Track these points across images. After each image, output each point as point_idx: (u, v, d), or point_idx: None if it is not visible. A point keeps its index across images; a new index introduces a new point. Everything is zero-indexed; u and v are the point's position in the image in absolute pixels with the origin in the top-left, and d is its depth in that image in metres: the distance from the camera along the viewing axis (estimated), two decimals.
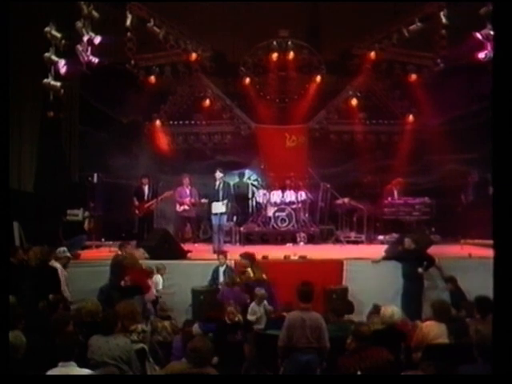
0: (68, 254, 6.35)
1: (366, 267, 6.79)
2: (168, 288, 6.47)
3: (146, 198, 9.02)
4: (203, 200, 9.05)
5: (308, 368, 4.22)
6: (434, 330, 4.44)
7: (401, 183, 9.66)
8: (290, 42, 10.46)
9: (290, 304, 5.26)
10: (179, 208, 9.43)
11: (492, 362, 2.83)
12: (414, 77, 10.29)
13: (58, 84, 7.69)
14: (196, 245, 9.19)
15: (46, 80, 7.65)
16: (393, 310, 4.67)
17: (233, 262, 6.88)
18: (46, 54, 7.49)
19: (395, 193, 9.63)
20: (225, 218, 8.47)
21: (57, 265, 6.20)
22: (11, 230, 7.51)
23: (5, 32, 3.35)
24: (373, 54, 10.22)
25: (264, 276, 6.35)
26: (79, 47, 7.86)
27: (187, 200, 9.34)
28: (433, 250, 6.94)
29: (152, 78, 10.38)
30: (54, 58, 7.53)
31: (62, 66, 7.55)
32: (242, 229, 9.52)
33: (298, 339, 4.27)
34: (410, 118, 10.66)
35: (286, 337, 4.29)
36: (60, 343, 3.44)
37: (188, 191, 9.40)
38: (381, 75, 10.65)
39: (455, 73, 9.45)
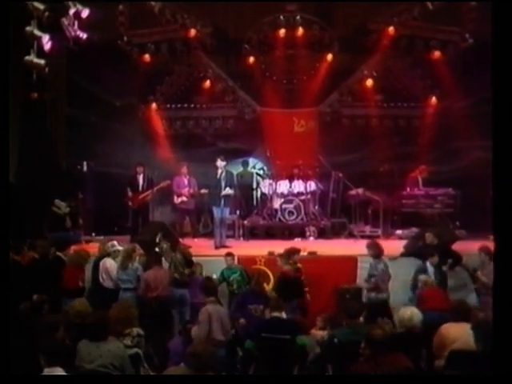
0: (118, 248, 6.44)
1: None
2: None
3: (140, 188, 9.02)
4: (203, 190, 9.01)
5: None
6: (453, 331, 4.36)
7: (426, 171, 9.53)
8: (298, 17, 10.31)
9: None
10: (177, 200, 9.40)
11: (493, 363, 2.92)
12: (437, 54, 10.10)
13: (42, 62, 7.58)
14: (196, 239, 9.16)
15: (28, 57, 7.51)
16: (411, 312, 4.59)
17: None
18: (28, 28, 7.34)
19: (420, 181, 9.51)
20: (227, 210, 8.45)
21: (110, 261, 6.31)
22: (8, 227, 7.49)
23: None
24: (391, 29, 10.04)
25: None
26: (65, 21, 7.71)
27: (185, 191, 9.30)
28: (457, 246, 6.85)
29: (147, 57, 10.29)
30: (36, 32, 7.39)
31: (46, 41, 7.44)
32: (245, 222, 9.48)
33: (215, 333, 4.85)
34: (433, 100, 10.52)
35: (204, 331, 4.84)
36: (48, 349, 3.43)
37: (186, 181, 9.36)
38: (400, 53, 10.46)
39: (485, 49, 9.23)
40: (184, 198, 9.33)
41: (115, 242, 6.61)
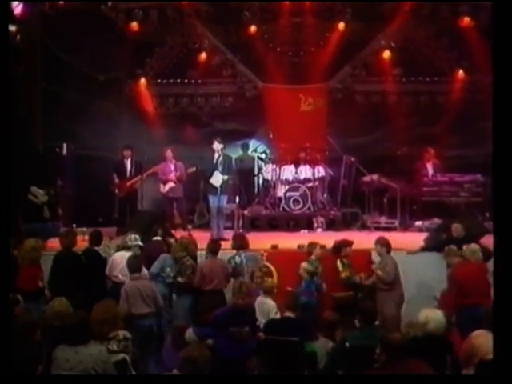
0: (139, 243, 6.42)
1: (400, 260, 6.65)
2: None
3: (128, 174, 9.05)
4: (190, 169, 9.00)
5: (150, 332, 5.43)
6: (487, 342, 4.25)
7: (432, 154, 9.46)
8: None
9: None
10: (164, 188, 9.38)
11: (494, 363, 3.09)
12: (467, 21, 9.98)
13: (13, 28, 7.53)
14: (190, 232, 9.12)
15: None
16: (428, 314, 4.46)
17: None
18: None
19: (429, 168, 9.44)
20: (225, 198, 8.44)
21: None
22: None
23: None
24: None
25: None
26: None
27: (172, 176, 9.25)
28: (486, 240, 6.78)
29: (134, 25, 10.25)
30: None
31: (17, 4, 7.38)
32: (246, 212, 9.51)
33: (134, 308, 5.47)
34: (460, 73, 10.52)
35: (123, 307, 5.37)
36: (23, 354, 3.44)
37: (172, 166, 9.33)
38: (423, 20, 10.37)
39: None
40: (171, 184, 9.29)
41: (137, 236, 6.53)
